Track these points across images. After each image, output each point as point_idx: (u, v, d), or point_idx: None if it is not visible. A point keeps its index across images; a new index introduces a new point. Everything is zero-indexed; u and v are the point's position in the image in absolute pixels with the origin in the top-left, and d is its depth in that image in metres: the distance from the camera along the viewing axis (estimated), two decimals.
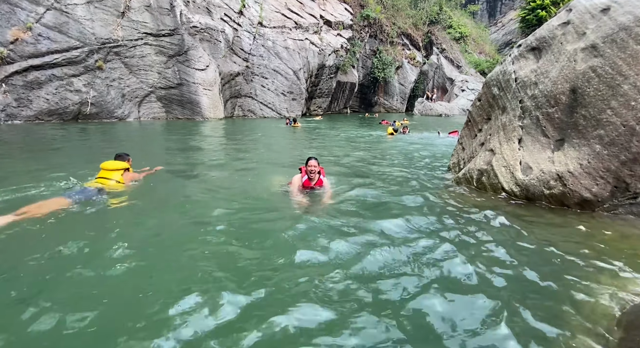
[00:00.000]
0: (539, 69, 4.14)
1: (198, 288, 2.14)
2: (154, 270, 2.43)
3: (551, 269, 2.42)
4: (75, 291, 2.13)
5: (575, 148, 3.61)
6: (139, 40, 16.21)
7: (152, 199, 4.15)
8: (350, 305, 2.01)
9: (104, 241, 2.75)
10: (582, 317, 1.86)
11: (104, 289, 2.14)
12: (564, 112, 3.74)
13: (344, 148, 9.44)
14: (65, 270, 2.32)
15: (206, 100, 17.95)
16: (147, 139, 11.06)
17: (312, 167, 4.18)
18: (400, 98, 33.10)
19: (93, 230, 3.02)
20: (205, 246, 2.77)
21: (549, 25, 4.28)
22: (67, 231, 3.04)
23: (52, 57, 13.90)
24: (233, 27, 20.54)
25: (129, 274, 2.31)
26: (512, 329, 1.80)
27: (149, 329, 1.77)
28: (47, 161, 6.49)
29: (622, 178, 3.30)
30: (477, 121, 5.24)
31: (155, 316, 1.88)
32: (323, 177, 4.34)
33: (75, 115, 14.78)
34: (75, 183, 4.27)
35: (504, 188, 4.11)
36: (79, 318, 1.83)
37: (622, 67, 3.33)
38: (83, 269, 2.33)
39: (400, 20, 32.73)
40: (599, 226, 3.18)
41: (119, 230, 3.04)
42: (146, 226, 3.24)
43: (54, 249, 2.58)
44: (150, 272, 2.39)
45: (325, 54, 23.91)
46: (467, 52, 34.75)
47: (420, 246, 2.84)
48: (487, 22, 45.93)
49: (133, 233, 3.06)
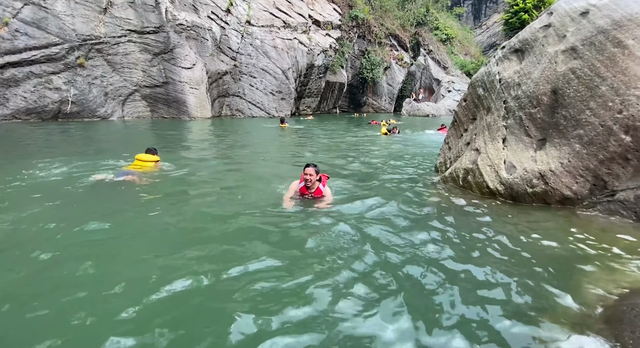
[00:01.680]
0: (522, 70, 4.24)
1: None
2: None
3: (533, 264, 2.47)
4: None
5: (556, 147, 3.72)
6: (122, 37, 15.77)
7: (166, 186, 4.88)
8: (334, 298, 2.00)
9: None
10: (563, 310, 1.91)
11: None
12: (545, 113, 3.85)
13: (336, 147, 9.45)
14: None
15: (193, 99, 17.64)
16: (129, 139, 10.77)
17: (308, 175, 3.79)
18: (389, 98, 33.42)
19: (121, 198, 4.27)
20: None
21: (531, 28, 4.39)
22: (105, 195, 4.36)
23: (30, 54, 13.37)
24: (220, 25, 20.26)
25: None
26: (493, 324, 1.83)
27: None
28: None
29: (601, 176, 3.42)
30: (463, 121, 5.33)
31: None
32: (324, 186, 3.94)
33: (55, 114, 14.26)
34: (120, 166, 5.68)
35: (489, 186, 4.20)
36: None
37: (600, 69, 3.45)
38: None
39: (388, 21, 33.04)
40: (579, 222, 3.28)
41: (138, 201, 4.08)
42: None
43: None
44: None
45: (314, 53, 23.89)
46: (453, 53, 35.39)
47: (405, 244, 2.85)
48: (472, 25, 46.90)
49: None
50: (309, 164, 3.90)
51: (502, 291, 2.17)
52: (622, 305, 1.83)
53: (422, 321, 1.87)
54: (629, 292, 1.98)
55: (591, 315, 1.83)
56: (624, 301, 1.87)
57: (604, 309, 1.85)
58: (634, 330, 1.56)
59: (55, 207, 3.73)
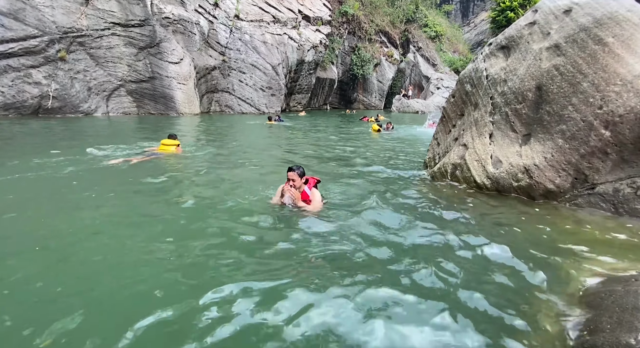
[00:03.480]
0: (508, 67, 4.33)
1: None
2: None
3: (515, 254, 2.55)
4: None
5: (540, 142, 3.82)
6: (105, 30, 15.29)
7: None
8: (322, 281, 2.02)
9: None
10: (544, 297, 1.98)
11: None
12: (530, 109, 3.94)
13: (327, 144, 9.45)
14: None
15: (180, 94, 17.31)
16: (112, 135, 10.50)
17: (291, 181, 3.47)
18: (379, 95, 33.59)
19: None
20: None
21: (517, 25, 4.48)
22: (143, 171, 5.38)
23: (7, 46, 12.82)
24: (208, 19, 19.87)
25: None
26: (473, 313, 1.88)
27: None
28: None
29: (582, 170, 3.54)
30: (451, 117, 5.41)
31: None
32: (310, 190, 3.60)
33: (35, 109, 13.76)
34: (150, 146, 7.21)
35: (476, 181, 4.29)
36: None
37: (582, 66, 3.55)
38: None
39: (378, 17, 33.09)
40: (561, 215, 3.39)
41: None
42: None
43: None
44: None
45: (304, 49, 23.73)
46: (442, 50, 35.77)
47: (393, 238, 2.89)
48: (460, 22, 47.45)
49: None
50: (292, 168, 3.51)
51: (484, 280, 2.23)
52: (600, 291, 1.91)
53: (408, 310, 1.91)
54: (607, 280, 2.07)
55: (572, 302, 1.91)
56: (602, 288, 1.95)
57: (584, 296, 1.93)
58: (611, 315, 1.64)
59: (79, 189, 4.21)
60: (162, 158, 6.24)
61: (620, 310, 1.64)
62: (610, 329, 1.55)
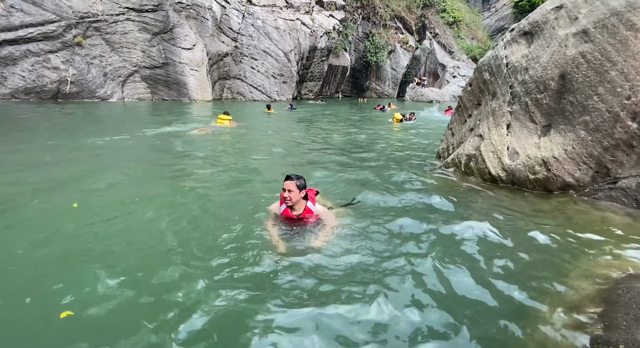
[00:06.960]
0: (530, 54, 4.13)
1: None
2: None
3: (532, 249, 2.50)
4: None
5: (561, 133, 3.68)
6: (120, 15, 15.36)
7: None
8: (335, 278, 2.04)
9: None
10: (561, 293, 1.95)
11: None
12: (552, 98, 3.78)
13: (344, 132, 9.40)
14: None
15: (193, 81, 17.39)
16: (129, 123, 10.70)
17: (287, 192, 2.75)
18: (392, 83, 32.84)
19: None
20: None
21: (542, 9, 4.25)
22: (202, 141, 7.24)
23: (27, 31, 13.08)
24: (221, 4, 19.65)
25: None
26: (492, 304, 1.87)
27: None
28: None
29: (604, 163, 3.40)
30: (468, 107, 5.25)
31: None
32: (314, 205, 2.90)
33: (54, 94, 14.11)
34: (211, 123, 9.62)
35: (491, 173, 4.19)
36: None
37: (611, 54, 3.35)
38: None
39: (394, 2, 31.95)
40: (579, 209, 3.29)
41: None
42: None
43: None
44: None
45: (316, 35, 23.28)
46: (460, 37, 34.43)
47: (405, 229, 2.88)
48: (480, 7, 45.32)
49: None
50: (290, 177, 2.79)
51: (499, 274, 2.20)
52: (617, 288, 1.86)
53: (419, 305, 1.92)
54: (626, 276, 2.01)
55: (588, 297, 1.87)
56: (619, 284, 1.90)
57: (601, 292, 1.89)
58: (628, 312, 1.60)
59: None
60: (220, 129, 8.78)
61: (637, 307, 1.60)
62: (626, 326, 1.51)
